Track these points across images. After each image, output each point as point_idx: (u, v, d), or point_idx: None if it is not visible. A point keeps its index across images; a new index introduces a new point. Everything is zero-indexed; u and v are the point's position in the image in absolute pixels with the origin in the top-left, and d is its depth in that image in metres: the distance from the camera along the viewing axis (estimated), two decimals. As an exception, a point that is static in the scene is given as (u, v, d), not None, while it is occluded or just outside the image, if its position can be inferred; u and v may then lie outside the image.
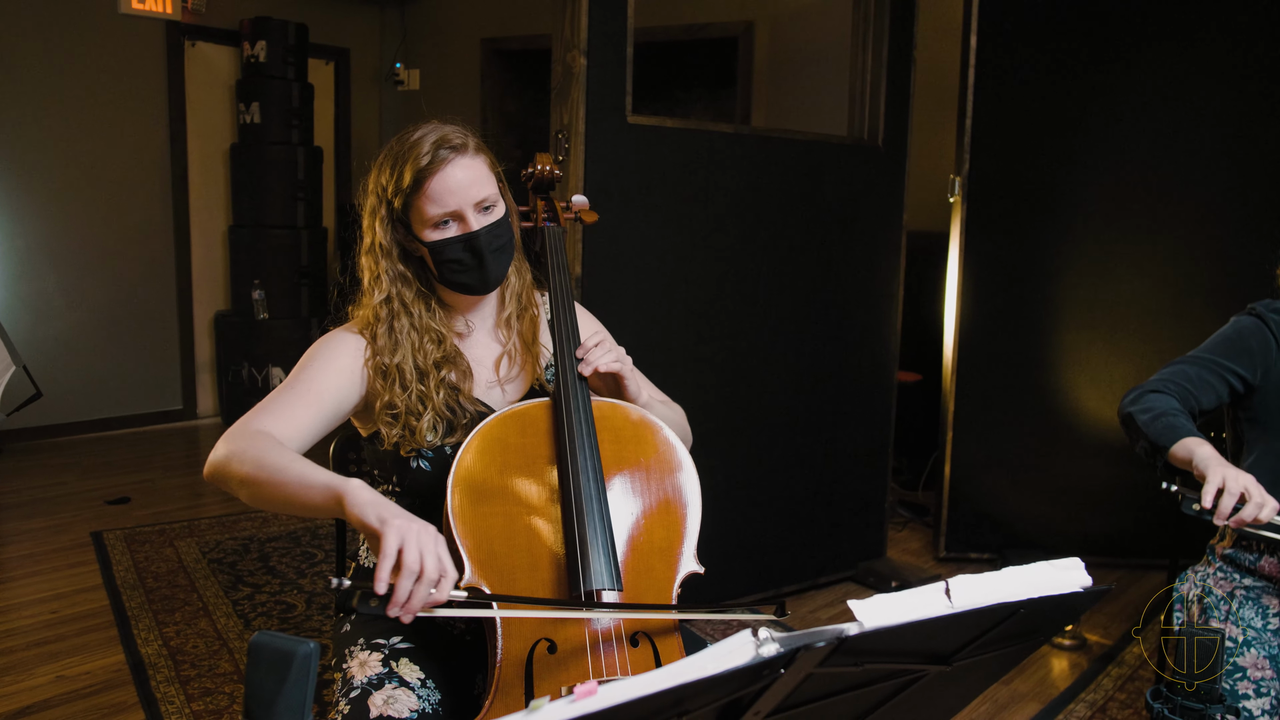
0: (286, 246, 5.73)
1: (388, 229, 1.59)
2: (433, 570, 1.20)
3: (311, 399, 1.52)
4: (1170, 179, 3.59)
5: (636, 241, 2.92)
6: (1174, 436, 1.71)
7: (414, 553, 1.19)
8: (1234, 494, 1.54)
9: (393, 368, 1.56)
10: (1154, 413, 1.77)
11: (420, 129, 1.55)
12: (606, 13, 2.73)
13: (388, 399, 1.55)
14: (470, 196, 1.53)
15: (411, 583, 1.19)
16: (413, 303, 1.60)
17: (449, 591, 1.22)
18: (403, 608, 1.19)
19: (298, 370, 1.56)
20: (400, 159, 1.54)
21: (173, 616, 3.21)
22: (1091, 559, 3.98)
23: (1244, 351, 1.86)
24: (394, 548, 1.19)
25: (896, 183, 3.56)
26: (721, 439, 3.19)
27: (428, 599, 1.20)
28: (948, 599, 0.80)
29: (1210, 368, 1.86)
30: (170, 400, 5.83)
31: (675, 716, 0.73)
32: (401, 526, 1.21)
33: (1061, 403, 3.75)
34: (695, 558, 1.52)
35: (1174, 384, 1.84)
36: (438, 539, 1.22)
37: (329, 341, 1.61)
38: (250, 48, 5.60)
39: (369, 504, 1.25)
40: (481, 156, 1.57)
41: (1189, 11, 3.50)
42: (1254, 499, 1.54)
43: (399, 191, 1.54)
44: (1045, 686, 2.89)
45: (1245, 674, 1.69)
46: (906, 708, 0.97)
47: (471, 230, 1.54)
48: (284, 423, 1.48)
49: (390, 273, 1.60)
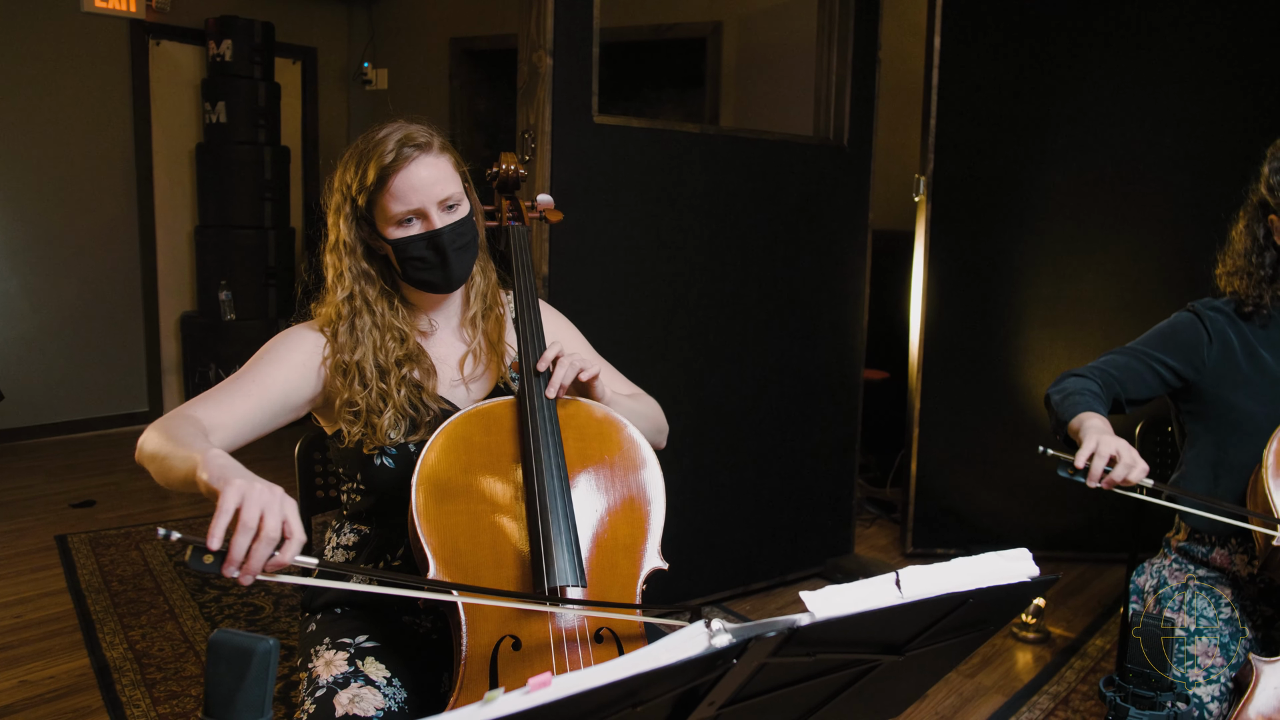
0: (253, 247, 5.69)
1: (352, 226, 1.59)
2: (273, 529, 1.13)
3: (254, 391, 1.52)
4: (1130, 178, 3.64)
5: (604, 241, 2.93)
6: (1073, 412, 1.77)
7: (254, 510, 1.13)
8: (1103, 456, 1.60)
9: (353, 365, 1.56)
10: (1065, 392, 1.84)
11: (385, 127, 1.56)
12: (572, 13, 2.74)
13: (347, 396, 1.56)
14: (434, 195, 1.54)
15: (249, 540, 1.12)
16: (375, 300, 1.61)
17: (295, 555, 1.15)
18: (240, 567, 1.12)
19: (250, 362, 1.57)
20: (365, 156, 1.54)
21: (138, 619, 3.18)
22: (1056, 553, 4.02)
23: (1175, 345, 1.91)
24: (233, 504, 1.13)
25: (862, 182, 3.59)
26: (689, 437, 3.20)
27: (270, 560, 1.13)
28: (898, 589, 0.82)
29: (1139, 357, 1.92)
30: (136, 402, 5.78)
31: (630, 707, 0.74)
32: (243, 485, 1.15)
33: (1025, 400, 3.80)
34: (659, 554, 1.53)
35: (1099, 370, 1.91)
36: (284, 500, 1.16)
37: (285, 337, 1.62)
38: (216, 47, 5.55)
39: (218, 466, 1.20)
40: (446, 155, 1.58)
41: (1149, 14, 3.56)
42: (1123, 460, 1.60)
43: (363, 189, 1.54)
44: (1010, 679, 2.93)
45: (1196, 662, 1.73)
46: (862, 697, 0.98)
47: (435, 228, 1.55)
48: (218, 411, 1.47)
49: (354, 270, 1.60)
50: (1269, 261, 1.87)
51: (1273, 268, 1.87)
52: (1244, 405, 1.86)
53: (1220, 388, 1.88)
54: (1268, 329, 1.88)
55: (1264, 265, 1.87)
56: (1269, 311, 1.88)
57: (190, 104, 5.88)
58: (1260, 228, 1.88)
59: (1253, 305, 1.88)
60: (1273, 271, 1.88)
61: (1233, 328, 1.90)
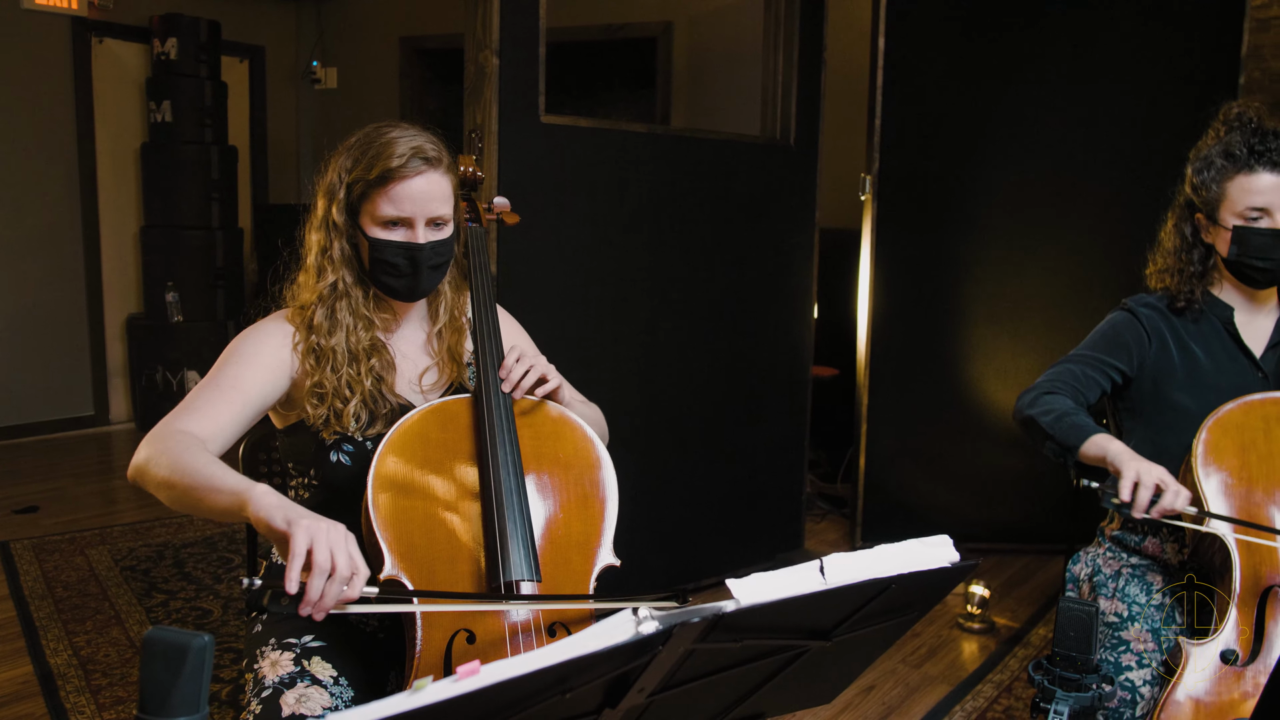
0: (201, 248, 5.62)
1: (342, 211, 1.59)
2: (344, 568, 1.20)
3: (234, 395, 1.52)
4: (1071, 177, 3.72)
5: (551, 240, 2.94)
6: (1082, 435, 1.76)
7: (324, 551, 1.19)
8: (1149, 487, 1.60)
9: (327, 349, 1.57)
10: (1055, 413, 1.83)
11: (399, 127, 1.57)
12: (518, 13, 2.74)
13: (317, 379, 1.56)
14: (427, 210, 1.55)
15: (324, 581, 1.18)
16: (353, 286, 1.62)
17: (361, 588, 1.22)
18: (315, 606, 1.19)
19: (221, 365, 1.56)
20: (372, 150, 1.55)
21: (83, 626, 3.14)
22: (1002, 545, 4.09)
23: (1121, 346, 1.96)
24: (304, 547, 1.19)
25: (809, 181, 3.63)
26: (639, 434, 3.22)
27: (340, 596, 1.20)
28: (822, 576, 0.85)
29: (1093, 365, 1.95)
30: (81, 406, 5.68)
31: (560, 694, 0.76)
32: (310, 526, 1.20)
33: (970, 395, 3.87)
34: (612, 551, 1.56)
35: (1064, 384, 1.92)
36: (348, 537, 1.23)
37: (253, 334, 1.61)
38: (160, 45, 5.48)
39: (275, 507, 1.25)
40: (450, 176, 1.60)
41: (1088, 18, 3.64)
42: (1169, 489, 1.60)
43: (361, 180, 1.55)
44: (955, 669, 2.99)
45: (1129, 647, 1.78)
46: (795, 683, 1.01)
47: (417, 242, 1.56)
48: (207, 421, 1.47)
49: (341, 252, 1.60)
50: (1197, 258, 1.94)
51: (1201, 264, 1.94)
52: (1177, 399, 1.92)
53: (1155, 383, 1.94)
54: (1199, 324, 1.95)
55: (1193, 262, 1.94)
56: (1200, 307, 1.94)
57: (135, 103, 5.80)
58: (1188, 226, 1.94)
59: (1184, 301, 1.94)
60: (1202, 268, 1.94)
61: (1166, 323, 1.96)
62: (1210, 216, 1.88)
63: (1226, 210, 1.85)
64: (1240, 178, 1.82)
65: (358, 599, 1.23)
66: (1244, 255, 1.84)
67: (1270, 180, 1.80)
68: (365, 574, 1.23)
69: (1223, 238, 1.87)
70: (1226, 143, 1.85)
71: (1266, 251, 1.82)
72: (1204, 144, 1.92)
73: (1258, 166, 1.81)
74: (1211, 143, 1.89)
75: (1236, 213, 1.83)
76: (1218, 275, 1.95)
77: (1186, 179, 1.93)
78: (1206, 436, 1.75)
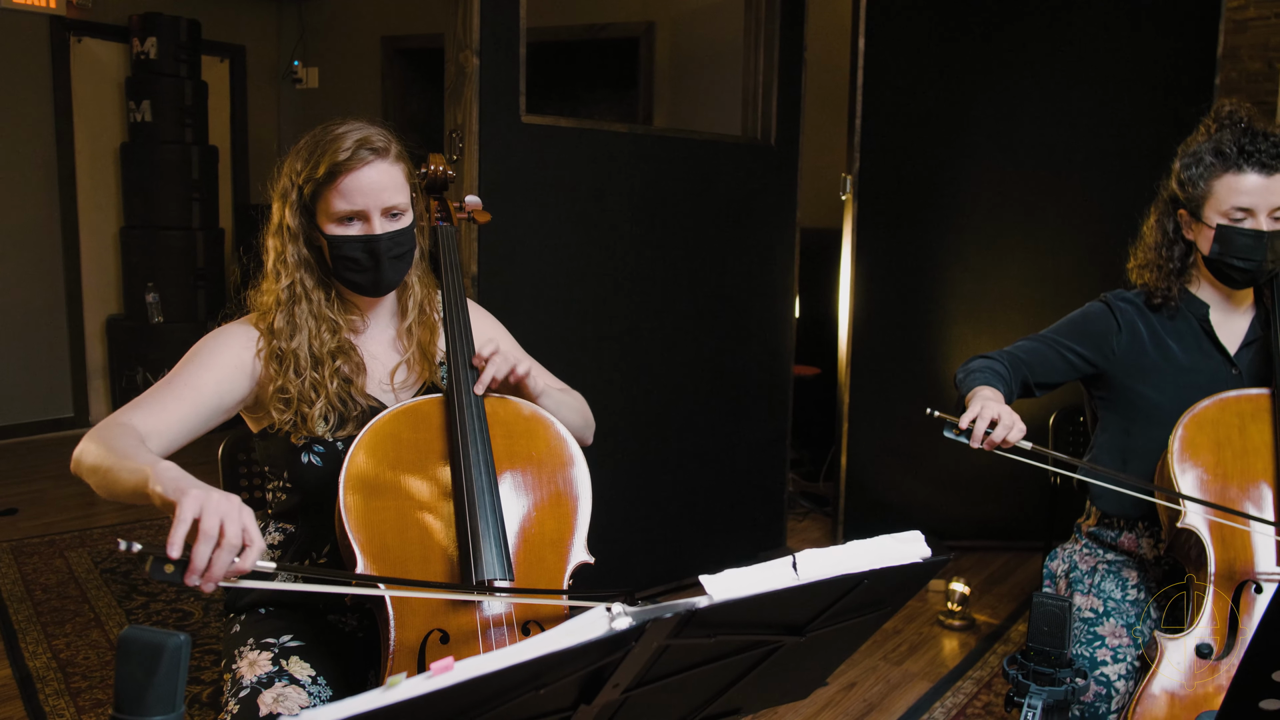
0: (181, 248, 5.59)
1: (296, 214, 1.59)
2: (234, 537, 1.16)
3: (187, 394, 1.51)
4: (1049, 176, 3.75)
5: (533, 240, 2.95)
6: (970, 386, 1.84)
7: (213, 518, 1.15)
8: (985, 419, 1.65)
9: (289, 352, 1.56)
10: (968, 370, 1.92)
11: (346, 124, 1.56)
12: (499, 13, 2.75)
13: (280, 383, 1.55)
14: (380, 201, 1.54)
15: (210, 548, 1.15)
16: (313, 289, 1.60)
17: (255, 561, 1.18)
18: (203, 575, 1.15)
19: (180, 365, 1.56)
20: (319, 148, 1.54)
21: (63, 628, 3.12)
22: (983, 542, 4.12)
23: (1084, 333, 1.99)
24: (190, 514, 1.15)
25: (789, 181, 3.65)
26: (621, 434, 3.23)
27: (231, 567, 1.17)
28: (795, 572, 0.85)
29: (1049, 343, 1.99)
30: (61, 408, 5.64)
31: (534, 690, 0.77)
32: (200, 495, 1.17)
33: (952, 394, 3.87)
34: (586, 548, 1.56)
35: (1007, 353, 1.98)
36: (242, 509, 1.19)
37: (216, 337, 1.61)
38: (140, 44, 5.44)
39: (171, 479, 1.22)
40: (401, 165, 1.59)
41: (1067, 19, 3.67)
42: (1003, 421, 1.66)
43: (311, 179, 1.54)
44: (935, 665, 3.01)
45: (1104, 642, 1.80)
46: (769, 679, 1.02)
47: (374, 233, 1.55)
48: (153, 418, 1.46)
49: (296, 256, 1.59)
50: (1177, 255, 1.95)
51: (1181, 261, 1.96)
52: (1151, 394, 1.94)
53: (1129, 377, 1.96)
54: (1175, 321, 1.96)
55: (1173, 258, 1.95)
56: (1177, 304, 1.96)
57: (114, 102, 5.76)
58: (1170, 222, 1.96)
59: (1161, 297, 1.96)
60: (1181, 264, 1.96)
61: (1142, 319, 1.97)
62: (1194, 213, 1.89)
63: (1211, 208, 1.86)
64: (1228, 176, 1.83)
65: (250, 572, 1.19)
66: (1225, 254, 1.85)
67: (1257, 181, 1.81)
68: (260, 548, 1.19)
69: (1205, 235, 1.88)
70: (1217, 140, 1.85)
71: (1248, 252, 1.83)
72: (1194, 140, 1.91)
73: (1246, 166, 1.81)
74: (1202, 139, 1.89)
75: (1221, 211, 1.84)
76: (1196, 273, 1.96)
77: (1173, 174, 1.93)
78: (1183, 433, 1.77)
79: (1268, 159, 1.80)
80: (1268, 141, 1.81)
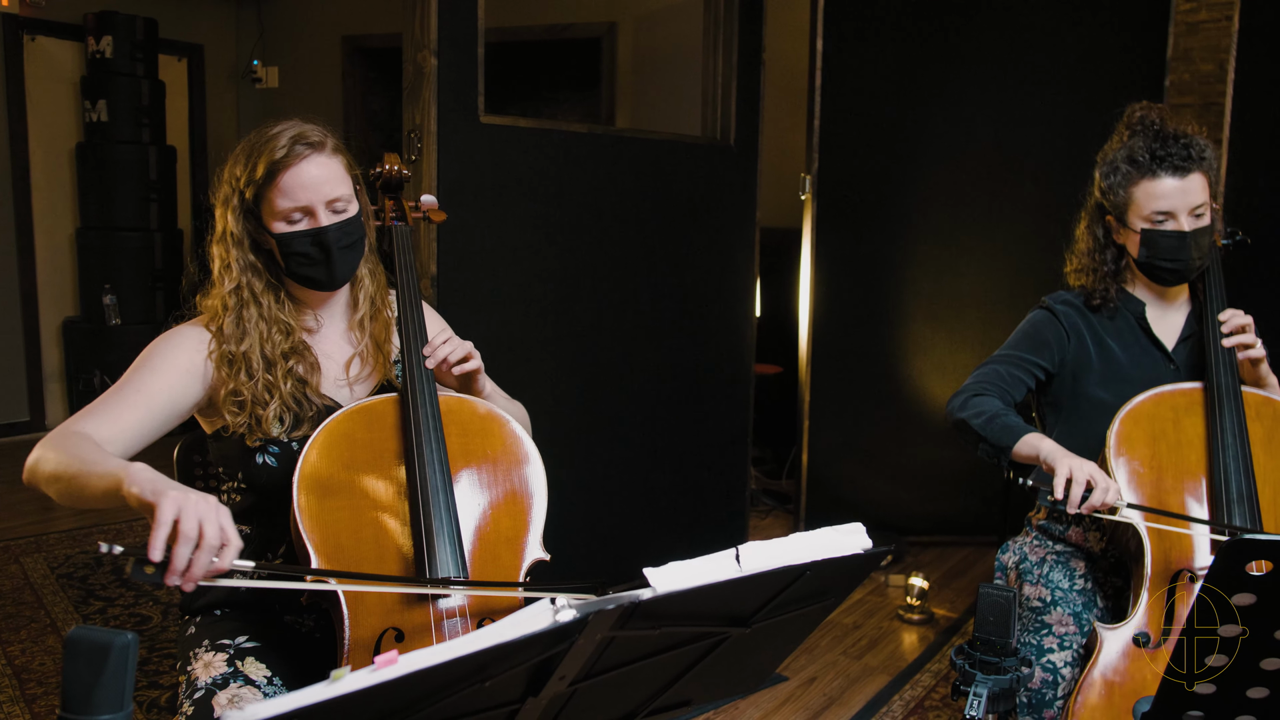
0: (139, 249, 5.53)
1: (239, 219, 1.58)
2: (213, 537, 1.19)
3: (139, 400, 1.51)
4: (1007, 174, 3.80)
5: (492, 240, 2.95)
6: (1014, 436, 1.80)
7: (192, 520, 1.18)
8: (1080, 483, 1.64)
9: (239, 355, 1.56)
10: (986, 415, 1.87)
11: (280, 124, 1.56)
12: (457, 12, 2.75)
13: (233, 386, 1.55)
14: (323, 194, 1.55)
15: (190, 550, 1.17)
16: (262, 293, 1.60)
17: (232, 560, 1.21)
18: (183, 576, 1.17)
19: (130, 370, 1.55)
20: (256, 150, 1.54)
21: (18, 635, 3.08)
22: (942, 537, 4.16)
23: (1042, 344, 2.02)
24: (170, 515, 1.18)
25: (749, 181, 3.68)
26: (581, 433, 3.24)
27: (210, 567, 1.19)
28: (737, 564, 0.87)
29: (1017, 364, 2.00)
30: (16, 412, 5.56)
31: (479, 683, 0.78)
32: (178, 496, 1.20)
33: (910, 391, 3.94)
34: (541, 546, 1.57)
35: (992, 385, 1.96)
36: (219, 509, 1.21)
37: (167, 340, 1.60)
38: (95, 43, 5.37)
39: (147, 480, 1.24)
40: (339, 157, 1.59)
41: (1021, 21, 3.72)
42: (1099, 485, 1.64)
43: (251, 182, 1.54)
44: (895, 659, 3.05)
45: (1051, 630, 1.84)
46: (718, 670, 1.04)
47: (321, 226, 1.55)
48: (107, 424, 1.47)
49: (240, 262, 1.59)
50: (1110, 258, 2.01)
51: (1114, 263, 2.01)
52: (1094, 393, 1.98)
53: (1075, 378, 2.01)
54: (1114, 320, 2.01)
55: (1107, 261, 2.01)
56: (1115, 304, 2.01)
57: (69, 102, 5.68)
58: (1099, 228, 2.01)
59: (1100, 298, 2.01)
60: (1115, 267, 2.01)
61: (1083, 320, 2.02)
62: (1120, 219, 1.94)
63: (1134, 214, 1.91)
64: (1144, 183, 1.87)
65: (228, 571, 1.22)
66: (1153, 257, 1.91)
67: (1172, 184, 1.85)
68: (237, 546, 1.22)
69: (1132, 240, 1.93)
70: (1130, 148, 1.90)
71: (1173, 253, 1.88)
72: (1109, 148, 1.96)
73: (1160, 171, 1.85)
74: (1116, 147, 1.94)
75: (1143, 216, 1.89)
76: (1130, 274, 2.02)
77: (1095, 182, 1.98)
78: (1119, 428, 1.82)
79: (1180, 161, 1.84)
80: (1178, 144, 1.85)
